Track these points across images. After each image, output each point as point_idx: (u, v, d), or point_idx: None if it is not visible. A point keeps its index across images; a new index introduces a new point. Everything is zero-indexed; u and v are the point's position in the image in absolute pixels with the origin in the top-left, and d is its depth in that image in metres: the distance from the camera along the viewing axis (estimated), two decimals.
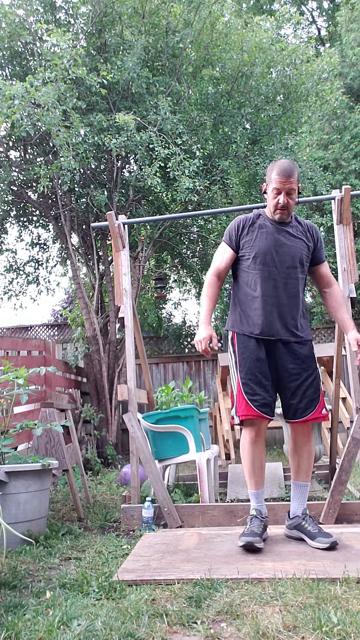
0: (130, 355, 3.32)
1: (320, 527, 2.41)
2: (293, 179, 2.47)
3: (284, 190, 2.47)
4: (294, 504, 2.55)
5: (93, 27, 5.63)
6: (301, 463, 2.53)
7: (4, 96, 4.60)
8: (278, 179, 2.46)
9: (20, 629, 1.60)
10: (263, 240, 2.54)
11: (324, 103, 7.04)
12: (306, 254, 2.57)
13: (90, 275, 6.70)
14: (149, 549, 2.43)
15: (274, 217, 2.55)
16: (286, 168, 2.46)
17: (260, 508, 2.50)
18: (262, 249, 2.52)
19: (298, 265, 2.53)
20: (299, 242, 2.55)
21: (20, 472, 2.66)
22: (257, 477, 2.52)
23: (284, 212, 2.52)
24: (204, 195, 6.07)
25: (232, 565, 2.13)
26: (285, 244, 2.53)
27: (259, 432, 2.50)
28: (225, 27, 6.11)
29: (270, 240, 2.53)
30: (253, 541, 2.25)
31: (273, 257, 2.51)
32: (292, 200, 2.51)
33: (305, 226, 2.63)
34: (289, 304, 2.51)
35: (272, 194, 2.52)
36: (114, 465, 5.80)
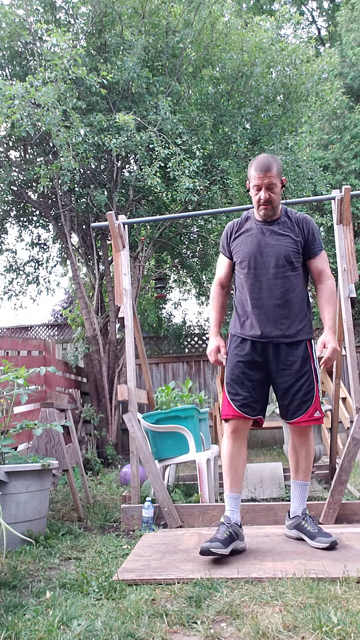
0: (130, 355, 3.32)
1: (320, 527, 2.40)
2: (272, 172, 2.41)
3: (263, 185, 2.42)
4: (293, 504, 2.53)
5: (93, 27, 5.63)
6: (300, 462, 2.51)
7: (4, 96, 4.60)
8: (256, 174, 2.42)
9: (20, 629, 1.60)
10: (248, 243, 2.52)
11: (324, 103, 7.04)
12: (294, 250, 2.48)
13: (90, 275, 6.70)
14: (149, 548, 2.43)
15: (259, 214, 2.52)
16: (263, 162, 2.42)
17: (229, 514, 2.39)
18: (246, 253, 2.50)
19: (286, 263, 2.46)
20: (285, 239, 2.48)
21: (20, 472, 2.66)
22: (232, 477, 2.45)
23: (268, 207, 2.47)
24: (204, 195, 6.07)
25: (232, 565, 2.13)
26: (269, 243, 2.48)
27: (237, 431, 2.46)
28: (225, 27, 6.11)
29: (254, 243, 2.50)
30: (210, 547, 2.14)
31: (257, 260, 2.48)
32: (275, 195, 2.45)
33: (295, 220, 2.54)
34: (279, 305, 2.45)
35: (253, 191, 2.48)
36: (114, 465, 5.80)
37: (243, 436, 2.49)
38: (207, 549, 2.14)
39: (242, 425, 2.47)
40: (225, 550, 2.17)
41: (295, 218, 2.54)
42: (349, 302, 3.12)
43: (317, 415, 2.45)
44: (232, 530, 2.29)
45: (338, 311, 3.33)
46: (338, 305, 3.27)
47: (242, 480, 2.49)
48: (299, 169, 6.44)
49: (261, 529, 2.73)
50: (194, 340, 9.06)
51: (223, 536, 2.24)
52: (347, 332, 3.10)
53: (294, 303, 2.48)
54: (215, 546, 2.15)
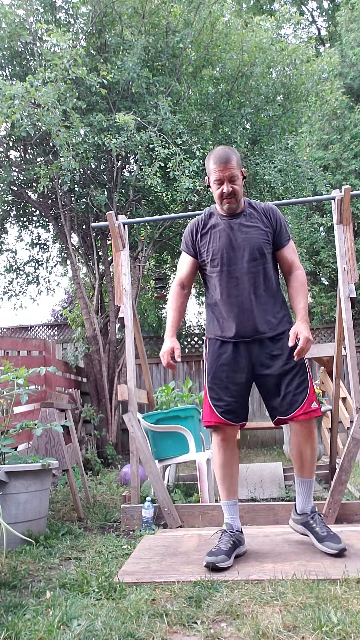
0: (130, 355, 3.32)
1: (329, 529, 2.31)
2: (231, 164, 2.32)
3: (225, 178, 2.33)
4: (300, 500, 2.42)
5: (93, 27, 5.63)
6: (305, 460, 2.38)
7: (4, 96, 4.60)
8: (216, 167, 2.33)
9: (20, 629, 1.60)
10: (217, 240, 2.41)
11: (324, 103, 7.04)
12: (265, 240, 2.40)
13: (90, 275, 6.70)
14: (149, 551, 2.43)
15: (223, 208, 2.41)
16: (222, 155, 2.33)
17: (230, 522, 2.35)
18: (217, 250, 2.40)
19: (258, 256, 2.37)
20: (254, 230, 2.39)
21: (20, 472, 2.66)
22: (227, 485, 2.38)
23: (231, 200, 2.37)
24: (204, 195, 6.06)
25: (232, 567, 2.13)
26: (240, 237, 2.38)
27: (225, 438, 2.37)
28: (225, 27, 6.11)
29: (224, 238, 2.40)
30: (215, 561, 2.09)
31: (229, 255, 2.38)
32: (238, 187, 2.35)
33: (262, 210, 2.45)
34: (258, 300, 2.36)
35: (214, 185, 2.38)
36: (114, 465, 5.80)
37: (233, 443, 2.41)
38: (214, 564, 2.08)
39: (231, 431, 2.38)
40: (230, 562, 2.14)
41: (261, 208, 2.46)
42: (349, 302, 3.12)
43: (314, 407, 2.31)
44: (235, 538, 2.26)
45: (338, 311, 3.33)
46: (338, 304, 3.28)
47: (237, 485, 2.43)
48: (299, 169, 6.43)
49: (261, 528, 2.73)
50: (194, 340, 9.07)
51: (227, 546, 2.20)
52: (347, 332, 3.10)
53: (271, 295, 2.40)
54: (221, 560, 2.10)
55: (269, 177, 5.95)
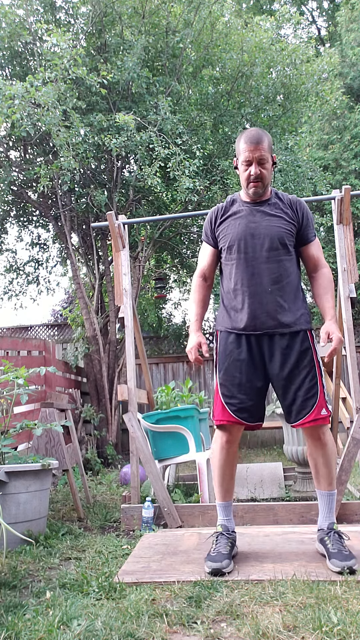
0: (130, 355, 3.32)
1: (343, 547, 2.11)
2: (263, 145, 2.22)
3: (254, 160, 2.22)
4: (319, 516, 2.30)
5: (93, 27, 5.63)
6: (319, 469, 2.24)
7: (4, 96, 4.60)
8: (246, 147, 2.22)
9: (20, 629, 1.60)
10: (236, 226, 2.30)
11: (324, 103, 7.04)
12: (288, 231, 2.28)
13: (90, 275, 6.70)
14: (149, 550, 2.43)
15: (249, 192, 2.29)
16: (254, 134, 2.23)
17: (226, 523, 2.29)
18: (235, 236, 2.28)
19: (280, 246, 2.25)
20: (277, 220, 2.28)
21: (20, 472, 2.66)
22: (225, 487, 2.32)
23: (258, 184, 2.25)
24: (204, 195, 6.06)
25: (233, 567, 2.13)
26: (261, 224, 2.27)
27: (231, 438, 2.28)
28: (225, 27, 6.11)
29: (243, 225, 2.28)
30: (220, 567, 2.03)
31: (247, 242, 2.26)
32: (266, 171, 2.25)
33: (288, 201, 2.33)
34: (273, 291, 2.23)
35: (242, 167, 2.27)
36: (114, 465, 5.80)
37: (237, 444, 2.32)
38: (219, 570, 2.02)
39: (237, 432, 2.29)
40: (232, 565, 2.10)
41: (288, 200, 2.34)
42: (349, 302, 3.12)
43: (323, 414, 2.19)
44: (232, 540, 2.24)
45: (338, 311, 3.33)
46: (338, 304, 3.28)
47: (234, 486, 2.38)
48: (299, 169, 6.44)
49: (261, 528, 2.73)
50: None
51: (226, 549, 2.15)
52: (347, 332, 3.10)
53: (289, 290, 2.27)
54: (226, 565, 2.05)
55: None
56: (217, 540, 2.22)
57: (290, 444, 3.79)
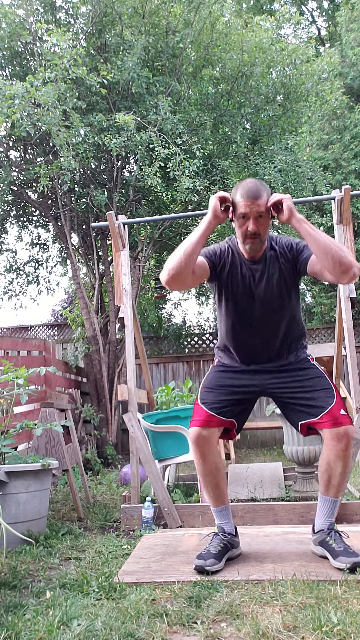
0: (130, 355, 3.32)
1: (347, 545, 2.10)
2: (261, 200, 2.09)
3: (252, 215, 2.11)
4: (319, 519, 2.25)
5: (93, 27, 5.63)
6: (333, 479, 2.15)
7: (4, 96, 4.60)
8: (243, 202, 2.10)
9: (20, 629, 1.60)
10: (236, 284, 2.24)
11: (324, 103, 7.04)
12: (289, 280, 2.24)
13: (90, 275, 6.70)
14: (149, 550, 2.43)
15: (245, 247, 2.20)
16: (252, 189, 2.11)
17: (223, 526, 2.26)
18: (235, 295, 2.24)
19: (279, 308, 2.24)
20: (276, 279, 2.22)
21: (20, 472, 2.66)
22: (214, 494, 2.26)
23: (256, 240, 2.16)
24: (204, 195, 6.06)
25: (232, 567, 2.13)
26: (260, 287, 2.22)
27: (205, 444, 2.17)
28: (225, 27, 6.11)
29: (242, 287, 2.23)
30: (203, 565, 2.04)
31: (247, 307, 2.24)
32: (264, 227, 2.15)
33: (282, 248, 2.25)
34: (272, 341, 2.26)
35: (239, 220, 2.16)
36: (114, 465, 5.80)
37: (214, 446, 2.21)
38: (202, 568, 2.04)
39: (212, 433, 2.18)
40: (220, 565, 2.09)
41: (282, 246, 2.26)
42: (349, 302, 3.12)
43: (343, 414, 2.10)
44: (227, 541, 2.20)
45: (338, 311, 3.33)
46: (338, 304, 3.28)
47: (226, 491, 2.31)
48: (299, 169, 6.44)
49: (261, 528, 2.73)
50: (194, 340, 9.06)
51: (217, 549, 2.14)
52: (347, 332, 3.10)
53: (290, 341, 2.29)
54: (210, 563, 2.05)
55: (269, 177, 5.95)
56: (211, 540, 2.23)
57: (290, 444, 3.79)
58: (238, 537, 2.29)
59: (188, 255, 2.08)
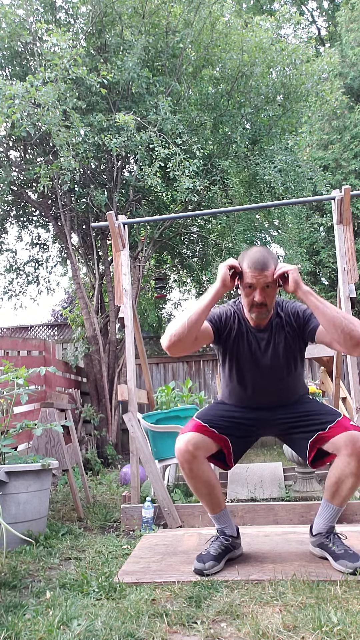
0: (130, 355, 3.32)
1: (347, 547, 2.09)
2: (268, 271, 2.06)
3: (258, 285, 2.07)
4: (318, 521, 2.22)
5: (93, 27, 5.63)
6: (341, 490, 2.09)
7: (4, 96, 4.60)
8: (250, 272, 2.07)
9: (20, 629, 1.60)
10: (241, 352, 2.21)
11: (324, 103, 7.04)
12: (295, 349, 2.22)
13: (90, 275, 6.71)
14: (149, 550, 2.43)
15: (251, 316, 2.17)
16: (259, 259, 2.07)
17: (223, 529, 2.24)
18: (240, 363, 2.22)
19: (285, 374, 2.22)
20: (282, 348, 2.20)
21: (20, 472, 2.66)
22: (208, 504, 2.23)
23: (262, 310, 2.13)
24: (204, 195, 6.07)
25: (232, 567, 2.13)
26: (267, 355, 2.20)
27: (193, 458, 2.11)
28: (225, 27, 6.11)
29: (248, 355, 2.21)
30: (202, 569, 2.04)
31: (253, 376, 2.22)
32: (270, 297, 2.12)
33: (288, 316, 2.21)
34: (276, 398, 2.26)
35: (245, 290, 2.12)
36: (114, 465, 5.80)
37: (202, 459, 2.15)
38: (201, 572, 2.04)
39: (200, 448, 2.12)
40: (219, 567, 2.09)
41: (288, 312, 2.23)
42: (349, 302, 3.12)
43: (354, 424, 2.07)
44: (228, 544, 2.20)
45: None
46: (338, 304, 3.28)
47: (221, 497, 2.25)
48: (299, 169, 6.44)
49: (261, 528, 2.73)
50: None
51: (217, 551, 2.14)
52: None
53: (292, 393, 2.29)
54: (209, 566, 2.05)
55: (269, 177, 5.96)
56: (212, 542, 2.22)
57: None
58: (240, 539, 2.29)
59: (192, 323, 2.05)
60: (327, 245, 8.98)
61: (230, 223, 6.79)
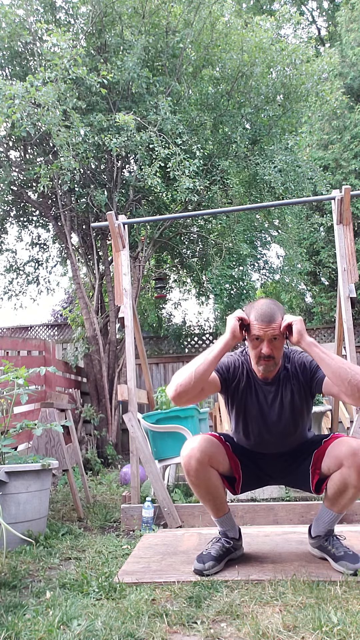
0: (130, 355, 3.32)
1: (347, 548, 2.09)
2: (275, 324, 2.04)
3: (265, 338, 2.05)
4: (316, 524, 2.22)
5: (93, 27, 5.63)
6: (341, 499, 2.08)
7: (4, 96, 4.60)
8: (257, 325, 2.05)
9: (20, 629, 1.60)
10: (249, 404, 2.20)
11: (324, 103, 7.04)
12: (302, 402, 2.19)
13: (90, 275, 6.71)
14: (149, 550, 2.43)
15: (258, 368, 2.14)
16: (267, 312, 2.05)
17: (226, 531, 2.23)
18: (246, 417, 2.21)
19: (292, 428, 2.20)
20: (289, 401, 2.17)
21: (20, 472, 2.66)
22: (212, 508, 2.22)
23: (269, 362, 2.10)
24: (204, 195, 6.06)
25: (232, 567, 2.13)
26: (274, 409, 2.18)
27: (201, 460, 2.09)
28: (225, 27, 6.11)
29: (255, 408, 2.19)
30: (201, 569, 2.05)
31: (260, 427, 2.20)
32: (278, 350, 2.10)
33: (294, 368, 2.19)
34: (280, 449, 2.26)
35: (252, 342, 2.10)
36: (114, 465, 5.80)
37: (208, 466, 2.13)
38: (201, 572, 2.05)
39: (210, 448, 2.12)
40: (219, 567, 2.10)
41: (294, 364, 2.21)
42: (349, 302, 3.12)
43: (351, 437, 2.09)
44: (229, 546, 2.20)
45: (338, 311, 3.33)
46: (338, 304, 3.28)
47: (225, 501, 2.25)
48: (299, 169, 6.44)
49: (261, 528, 2.73)
50: (194, 340, 9.06)
51: (218, 553, 2.14)
52: (347, 332, 3.10)
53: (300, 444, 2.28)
54: (209, 567, 2.06)
55: (269, 177, 5.95)
56: (213, 543, 2.22)
57: None
58: (241, 540, 2.28)
59: (199, 374, 2.03)
60: (327, 245, 8.98)
61: (230, 223, 6.79)
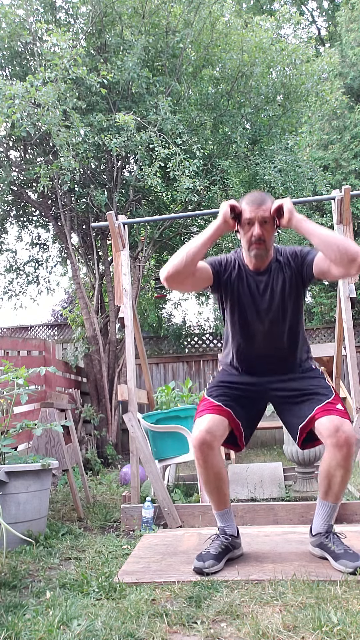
0: (130, 355, 3.32)
1: (347, 547, 2.10)
2: (265, 206, 2.16)
3: (257, 219, 2.16)
4: (316, 521, 2.23)
5: (93, 27, 5.63)
6: (333, 485, 2.12)
7: (4, 96, 4.60)
8: (248, 208, 2.17)
9: (20, 629, 1.60)
10: (241, 295, 2.26)
11: (324, 103, 7.04)
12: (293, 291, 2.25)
13: (90, 275, 6.70)
14: (149, 550, 2.43)
15: (250, 254, 2.22)
16: (257, 196, 2.20)
17: (225, 528, 2.25)
18: (239, 308, 2.27)
19: (281, 318, 2.26)
20: (280, 289, 2.24)
21: (20, 472, 2.66)
22: (216, 499, 2.25)
23: (261, 245, 2.18)
24: (204, 195, 6.06)
25: (232, 567, 2.13)
26: (265, 298, 2.25)
27: (208, 447, 2.12)
28: (225, 27, 6.11)
29: (247, 298, 2.26)
30: (201, 567, 2.06)
31: (252, 318, 2.26)
32: (269, 233, 2.18)
33: (286, 258, 2.27)
34: (277, 355, 2.29)
35: (244, 228, 2.20)
36: (114, 465, 5.80)
37: (217, 450, 2.17)
38: (201, 570, 2.05)
39: (217, 432, 2.14)
40: (219, 566, 2.10)
41: (286, 255, 2.28)
42: (349, 302, 3.12)
43: (340, 408, 2.09)
44: (228, 543, 2.21)
45: (338, 311, 3.33)
46: (338, 304, 3.27)
47: (228, 494, 2.27)
48: (299, 169, 6.44)
49: (261, 528, 2.73)
50: (194, 340, 9.06)
51: (217, 551, 2.15)
52: (347, 332, 3.10)
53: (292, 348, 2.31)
54: (209, 565, 2.06)
55: (269, 177, 5.95)
56: (212, 541, 2.23)
57: (290, 444, 3.79)
58: (240, 539, 2.29)
59: (191, 255, 2.12)
60: None
61: None
